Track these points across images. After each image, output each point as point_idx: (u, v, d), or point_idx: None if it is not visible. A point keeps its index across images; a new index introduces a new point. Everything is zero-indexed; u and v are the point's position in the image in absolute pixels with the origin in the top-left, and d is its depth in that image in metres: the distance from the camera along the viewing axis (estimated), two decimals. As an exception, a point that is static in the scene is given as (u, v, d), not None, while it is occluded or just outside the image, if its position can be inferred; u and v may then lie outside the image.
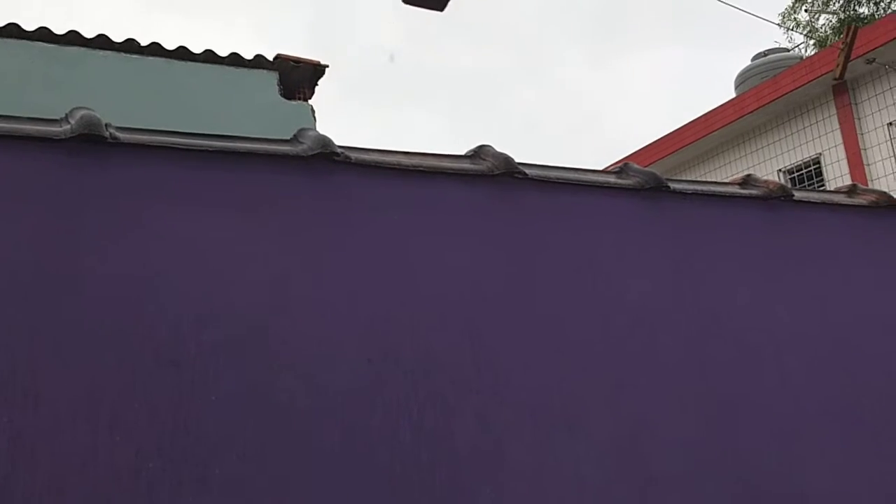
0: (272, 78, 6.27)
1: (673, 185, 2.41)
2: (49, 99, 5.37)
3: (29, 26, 5.82)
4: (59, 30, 5.90)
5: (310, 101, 6.49)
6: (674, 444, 2.11)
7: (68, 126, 1.72)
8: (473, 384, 1.93)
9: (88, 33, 5.94)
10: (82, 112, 1.74)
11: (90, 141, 1.71)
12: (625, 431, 2.06)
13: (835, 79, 9.44)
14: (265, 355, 1.75)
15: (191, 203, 1.79)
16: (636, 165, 2.50)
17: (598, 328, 2.14)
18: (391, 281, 1.94)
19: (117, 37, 5.99)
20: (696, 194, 2.45)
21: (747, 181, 2.66)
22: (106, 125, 1.74)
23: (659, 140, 13.17)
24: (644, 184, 2.37)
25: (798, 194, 2.61)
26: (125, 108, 5.39)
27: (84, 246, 1.67)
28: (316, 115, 6.35)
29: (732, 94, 13.31)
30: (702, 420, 2.17)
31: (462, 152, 2.30)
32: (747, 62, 13.82)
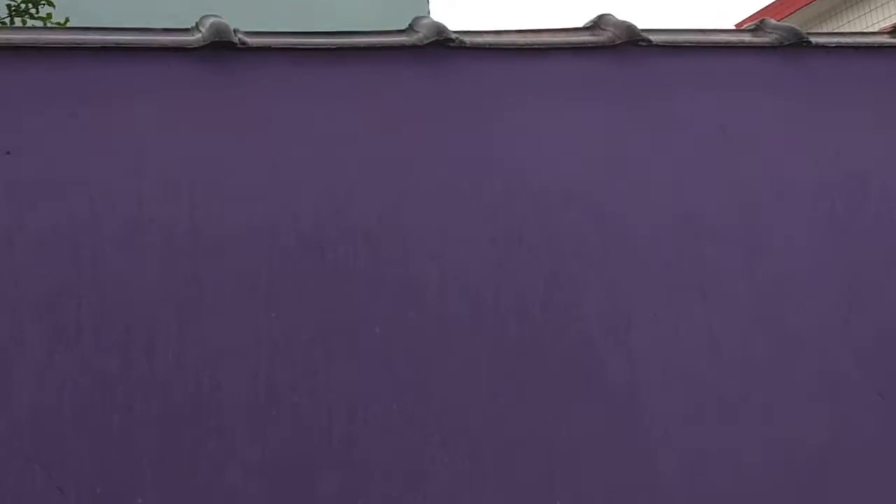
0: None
1: (814, 40, 2.23)
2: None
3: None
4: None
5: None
6: (812, 305, 2.06)
7: (199, 35, 1.81)
8: (600, 259, 1.95)
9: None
10: (212, 20, 1.82)
11: (221, 47, 1.80)
12: (761, 296, 2.03)
13: None
14: (398, 238, 1.84)
15: (317, 100, 1.86)
16: (773, 21, 2.32)
17: (732, 194, 2.08)
18: (511, 161, 1.95)
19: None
20: (840, 47, 2.26)
21: (901, 28, 2.41)
22: (234, 31, 1.82)
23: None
24: (783, 40, 2.21)
25: (963, 38, 2.34)
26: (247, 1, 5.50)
27: (228, 156, 1.79)
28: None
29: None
30: (843, 282, 2.10)
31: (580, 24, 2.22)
32: None
